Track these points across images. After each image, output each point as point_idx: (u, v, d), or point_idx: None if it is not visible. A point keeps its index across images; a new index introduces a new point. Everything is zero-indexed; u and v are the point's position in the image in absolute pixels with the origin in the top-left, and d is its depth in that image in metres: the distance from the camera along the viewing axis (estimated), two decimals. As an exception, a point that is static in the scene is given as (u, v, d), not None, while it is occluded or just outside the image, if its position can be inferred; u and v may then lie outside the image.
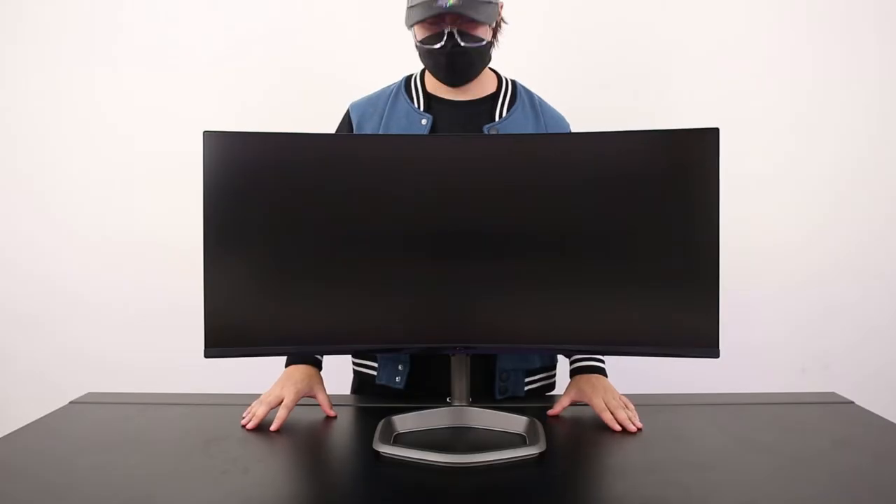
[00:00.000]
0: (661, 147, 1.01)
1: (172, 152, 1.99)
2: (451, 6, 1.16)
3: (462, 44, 1.20)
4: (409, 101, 1.31)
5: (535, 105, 1.32)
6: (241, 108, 2.01)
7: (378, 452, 0.97)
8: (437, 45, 1.20)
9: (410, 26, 1.24)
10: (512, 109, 1.29)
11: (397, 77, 1.37)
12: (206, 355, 1.00)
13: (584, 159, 1.01)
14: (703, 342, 0.98)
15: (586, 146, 1.03)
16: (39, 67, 2.06)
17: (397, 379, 1.25)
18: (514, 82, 1.35)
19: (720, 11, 2.01)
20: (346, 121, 1.34)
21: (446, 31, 1.19)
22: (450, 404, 1.09)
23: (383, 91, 1.35)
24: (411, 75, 1.35)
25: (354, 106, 1.35)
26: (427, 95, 1.31)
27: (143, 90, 2.05)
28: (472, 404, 1.09)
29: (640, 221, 0.99)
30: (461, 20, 1.18)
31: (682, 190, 0.99)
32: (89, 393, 1.29)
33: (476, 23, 1.19)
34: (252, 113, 2.00)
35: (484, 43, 1.23)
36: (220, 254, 0.99)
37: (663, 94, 2.01)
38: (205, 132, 0.98)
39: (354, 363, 1.37)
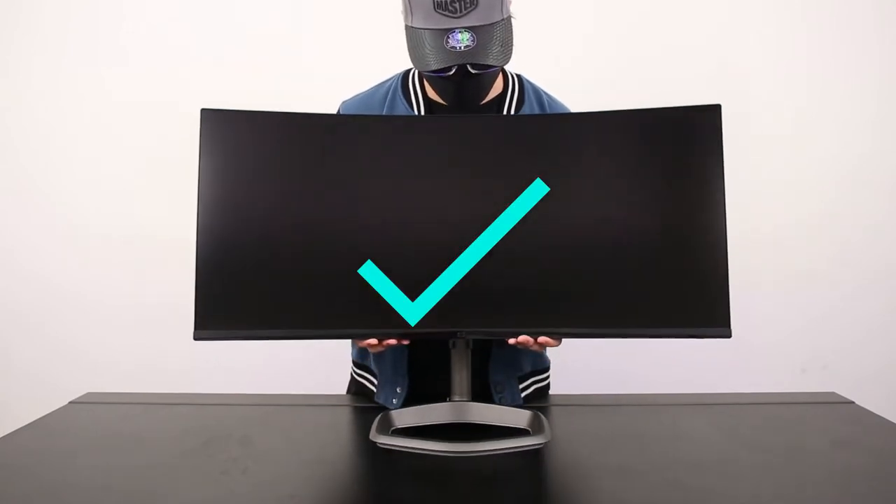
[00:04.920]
0: (663, 124, 1.00)
1: (173, 152, 1.99)
2: (466, 49, 1.04)
3: (474, 72, 1.08)
4: (407, 105, 1.22)
5: (544, 103, 1.27)
6: (245, 106, 2.00)
7: (375, 444, 0.94)
8: (445, 74, 1.08)
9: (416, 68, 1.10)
10: (520, 112, 1.23)
11: (395, 70, 1.30)
12: (196, 337, 0.97)
13: (585, 139, 1.00)
14: (714, 322, 0.97)
15: (587, 126, 1.02)
16: (38, 67, 2.07)
17: (394, 401, 1.20)
18: (520, 79, 1.27)
19: (722, 10, 2.01)
20: None
21: (455, 65, 1.06)
22: (449, 400, 1.06)
23: (377, 89, 1.27)
24: (409, 72, 1.26)
25: (346, 107, 1.27)
26: (427, 101, 1.22)
27: (143, 89, 2.05)
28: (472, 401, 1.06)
29: (644, 200, 0.98)
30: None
31: (685, 167, 0.99)
32: (89, 393, 1.29)
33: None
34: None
35: (498, 67, 1.11)
36: (213, 234, 0.97)
37: (663, 90, 2.01)
38: (202, 109, 0.96)
39: (356, 372, 1.33)
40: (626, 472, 0.92)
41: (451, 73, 1.08)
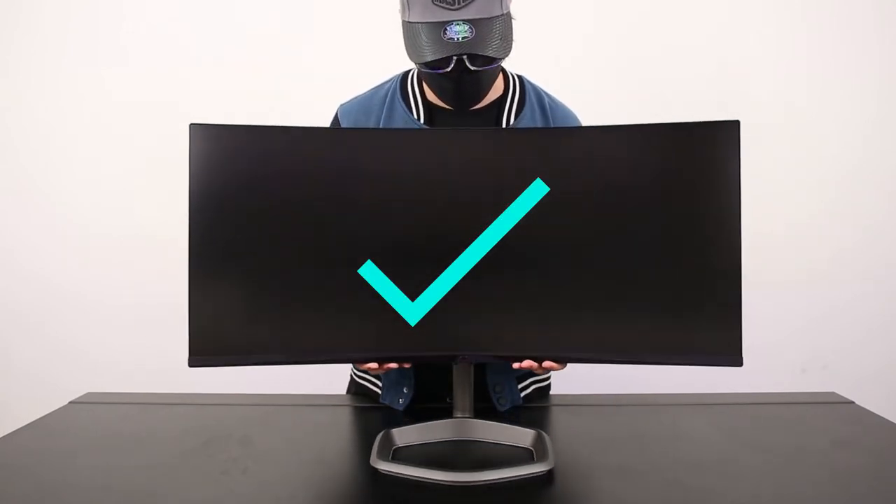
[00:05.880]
0: (678, 141, 0.97)
1: (174, 152, 1.99)
2: (464, 41, 1.02)
3: (472, 67, 1.05)
4: (406, 109, 1.20)
5: (545, 106, 1.24)
6: (245, 106, 2.01)
7: (376, 469, 0.92)
8: (443, 70, 1.06)
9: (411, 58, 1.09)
10: (520, 115, 1.20)
11: (395, 70, 1.28)
12: (191, 364, 0.95)
13: (594, 155, 0.98)
14: (725, 350, 0.95)
15: (596, 141, 0.99)
16: (38, 67, 2.07)
17: (400, 401, 1.19)
18: (521, 81, 1.25)
19: (722, 10, 2.01)
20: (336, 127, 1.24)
21: (454, 58, 1.04)
22: (452, 414, 1.04)
23: (376, 92, 1.25)
24: (408, 74, 1.24)
25: (344, 111, 1.24)
26: (427, 104, 1.20)
27: (143, 89, 2.06)
28: (475, 417, 1.04)
29: (656, 221, 0.95)
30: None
31: (700, 186, 0.96)
32: (89, 393, 1.29)
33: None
34: (254, 112, 2.00)
35: (498, 63, 1.09)
36: (206, 251, 0.95)
37: (663, 90, 2.01)
38: (191, 125, 0.95)
39: (356, 375, 1.32)
40: (626, 472, 0.92)
41: (450, 68, 1.05)
